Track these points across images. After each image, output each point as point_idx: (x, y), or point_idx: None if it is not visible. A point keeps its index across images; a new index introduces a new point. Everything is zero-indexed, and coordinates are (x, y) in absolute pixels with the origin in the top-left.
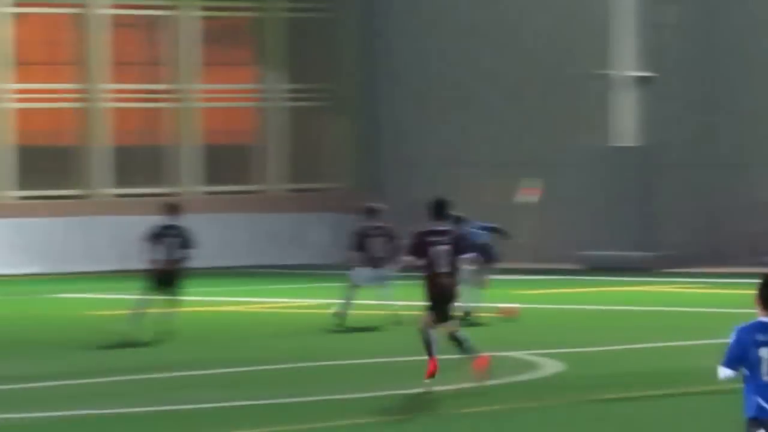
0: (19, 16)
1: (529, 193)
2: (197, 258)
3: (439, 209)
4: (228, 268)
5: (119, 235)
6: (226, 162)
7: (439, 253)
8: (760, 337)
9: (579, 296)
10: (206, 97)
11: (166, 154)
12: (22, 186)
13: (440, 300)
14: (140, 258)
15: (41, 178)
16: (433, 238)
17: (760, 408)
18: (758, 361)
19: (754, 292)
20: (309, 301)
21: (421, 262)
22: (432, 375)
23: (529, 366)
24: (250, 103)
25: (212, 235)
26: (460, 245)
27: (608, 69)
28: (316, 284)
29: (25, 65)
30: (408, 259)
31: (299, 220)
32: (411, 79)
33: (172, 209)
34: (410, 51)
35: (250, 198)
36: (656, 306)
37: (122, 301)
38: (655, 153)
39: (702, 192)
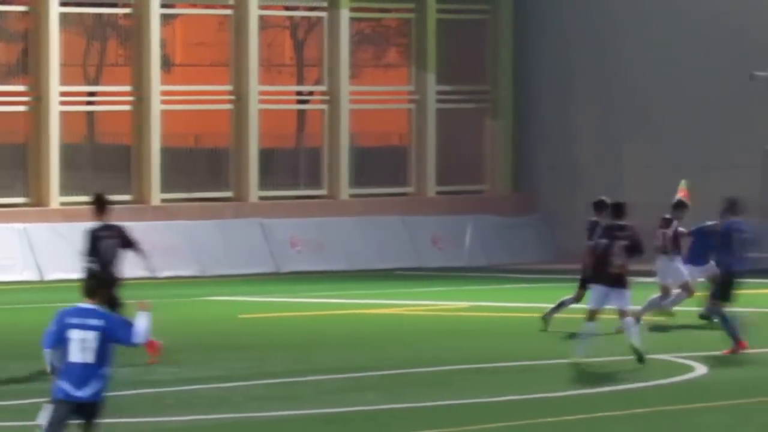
0: (174, 17)
1: (683, 195)
2: (346, 260)
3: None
4: (378, 270)
5: (268, 237)
6: (377, 164)
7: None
8: (74, 321)
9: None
10: (359, 98)
11: (316, 156)
12: (170, 188)
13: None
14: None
15: (188, 179)
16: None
17: (62, 390)
18: (68, 342)
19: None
20: (460, 304)
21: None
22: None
23: (677, 369)
24: (405, 105)
25: (364, 237)
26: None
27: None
28: (469, 287)
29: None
30: None
31: (452, 223)
32: (560, 78)
33: None
34: (559, 51)
35: (402, 200)
36: None
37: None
38: None
39: None
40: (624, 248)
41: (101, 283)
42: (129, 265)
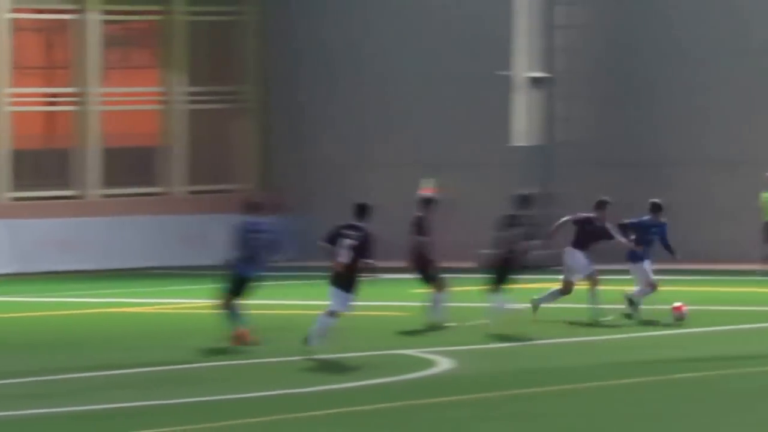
0: None
1: (426, 193)
2: (97, 259)
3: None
4: (130, 269)
5: (16, 238)
6: (128, 164)
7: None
8: None
9: (475, 294)
10: (108, 100)
11: (66, 158)
12: None
13: None
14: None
15: None
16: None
17: None
18: None
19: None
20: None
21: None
22: None
23: (423, 364)
24: (154, 106)
25: (115, 237)
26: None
27: (510, 69)
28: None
29: None
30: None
31: (202, 222)
32: (313, 80)
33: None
34: (312, 51)
35: (153, 200)
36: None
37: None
38: (557, 152)
39: (605, 191)
40: (352, 248)
41: None
42: None
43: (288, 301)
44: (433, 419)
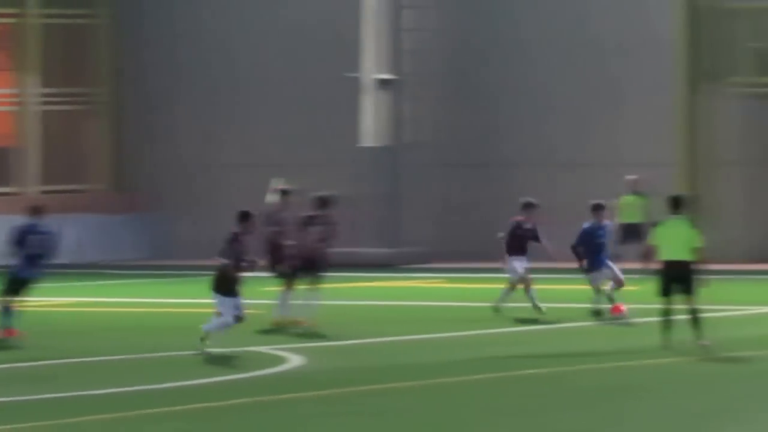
0: None
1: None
2: None
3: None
4: None
5: None
6: None
7: None
8: None
9: (323, 292)
10: None
11: None
12: None
13: None
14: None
15: None
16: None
17: None
18: None
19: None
20: (63, 300)
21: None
22: None
23: (274, 360)
24: (8, 107)
25: None
26: None
27: (357, 71)
28: (70, 284)
29: None
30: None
31: (55, 222)
32: (164, 82)
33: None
34: (163, 53)
35: (7, 200)
36: (399, 300)
37: None
38: (402, 153)
39: (452, 192)
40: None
41: None
42: None
43: (143, 299)
44: (284, 415)
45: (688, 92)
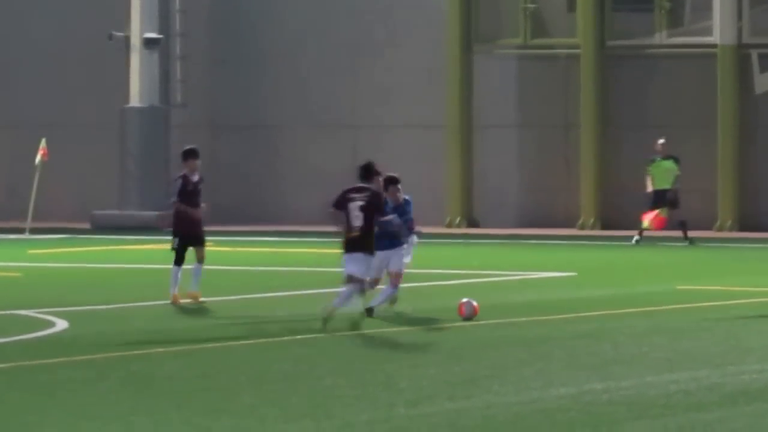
0: None
1: (42, 154)
2: None
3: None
4: None
5: None
6: None
7: None
8: None
9: (89, 255)
10: None
11: None
12: None
13: None
14: None
15: None
16: None
17: None
18: None
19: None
20: None
21: None
22: None
23: (38, 324)
24: None
25: None
26: None
27: (125, 30)
28: None
29: None
30: None
31: None
32: None
33: None
34: None
35: None
36: (167, 264)
37: None
38: (172, 113)
39: (220, 153)
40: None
41: None
42: None
43: None
44: (48, 380)
45: (459, 54)
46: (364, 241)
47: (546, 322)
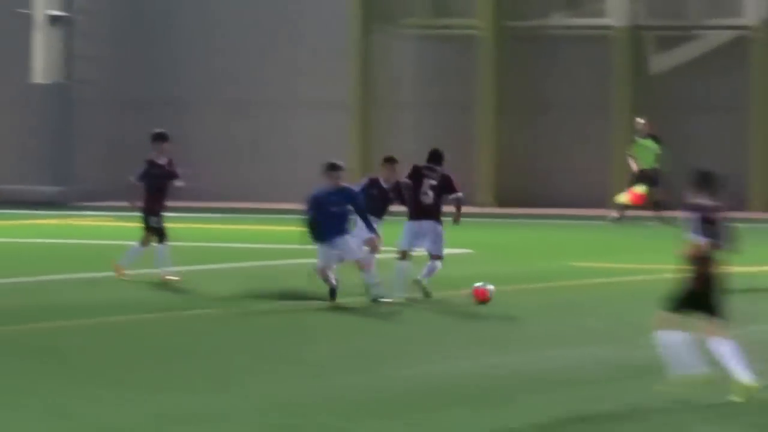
0: None
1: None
2: None
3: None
4: None
5: None
6: None
7: None
8: None
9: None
10: None
11: None
12: None
13: None
14: None
15: None
16: None
17: None
18: None
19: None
20: None
21: None
22: None
23: None
24: None
25: None
26: None
27: (28, 7)
28: None
29: None
30: None
31: None
32: None
33: None
34: None
35: None
36: (69, 239)
37: None
38: (73, 90)
39: (125, 130)
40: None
41: None
42: None
43: None
44: None
45: (362, 33)
46: (434, 214)
47: (443, 300)
